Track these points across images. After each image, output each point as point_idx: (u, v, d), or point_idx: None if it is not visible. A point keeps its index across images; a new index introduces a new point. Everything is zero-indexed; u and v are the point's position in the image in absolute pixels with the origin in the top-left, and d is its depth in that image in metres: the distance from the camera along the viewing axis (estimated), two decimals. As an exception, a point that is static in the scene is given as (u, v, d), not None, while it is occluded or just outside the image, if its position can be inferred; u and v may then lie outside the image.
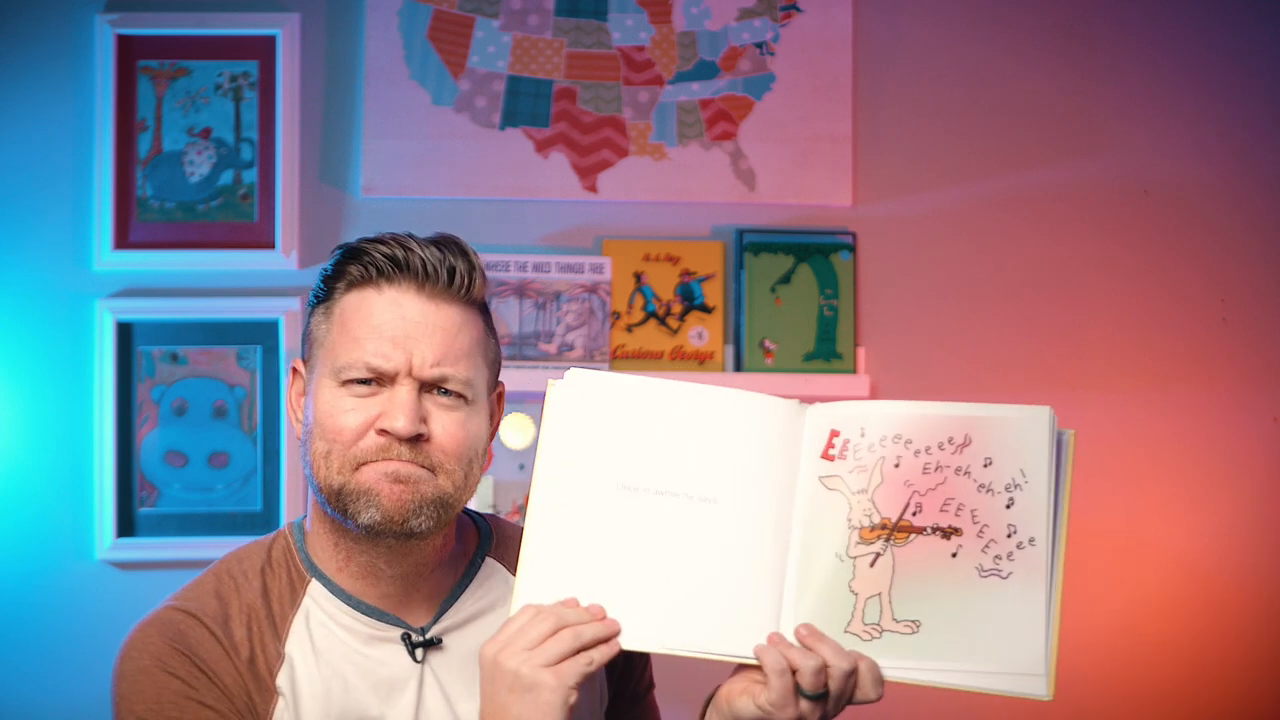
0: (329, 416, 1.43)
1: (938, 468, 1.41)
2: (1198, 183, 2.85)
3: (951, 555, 1.39)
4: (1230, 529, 2.82)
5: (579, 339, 2.73)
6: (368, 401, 1.42)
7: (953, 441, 1.42)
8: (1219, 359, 2.84)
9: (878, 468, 1.42)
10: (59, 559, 2.67)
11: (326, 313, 1.46)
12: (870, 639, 1.37)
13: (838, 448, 1.43)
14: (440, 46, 2.75)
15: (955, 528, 1.39)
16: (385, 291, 1.43)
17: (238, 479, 2.70)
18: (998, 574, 1.38)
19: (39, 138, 2.71)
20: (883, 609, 1.38)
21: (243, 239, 2.72)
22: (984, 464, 1.41)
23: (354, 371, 1.42)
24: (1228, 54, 2.87)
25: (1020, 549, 1.38)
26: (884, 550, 1.39)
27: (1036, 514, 1.39)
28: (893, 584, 1.38)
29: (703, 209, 2.79)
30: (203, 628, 1.44)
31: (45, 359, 2.69)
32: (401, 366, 1.42)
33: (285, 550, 1.51)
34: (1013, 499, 1.39)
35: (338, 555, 1.48)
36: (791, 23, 2.80)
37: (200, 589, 1.48)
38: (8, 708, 2.63)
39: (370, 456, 1.42)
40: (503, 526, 1.61)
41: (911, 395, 2.76)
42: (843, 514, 1.41)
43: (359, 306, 1.44)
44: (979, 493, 1.40)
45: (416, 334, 1.42)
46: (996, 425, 1.42)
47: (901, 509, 1.40)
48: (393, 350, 1.42)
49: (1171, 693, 2.80)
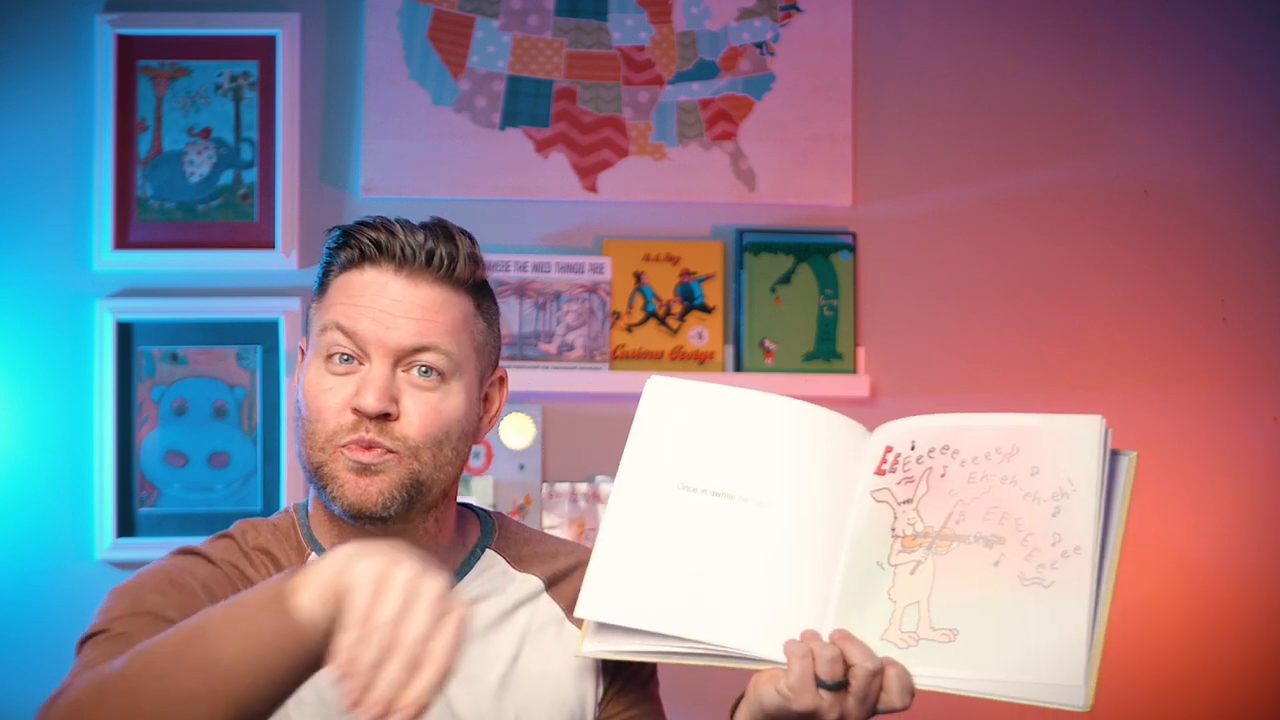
0: (313, 395, 1.46)
1: (984, 477, 1.38)
2: (1198, 183, 2.85)
3: (994, 564, 1.35)
4: (1230, 529, 2.81)
5: (579, 339, 2.73)
6: (345, 380, 1.45)
7: (1000, 451, 1.39)
8: (1219, 359, 2.84)
9: (924, 478, 1.40)
10: (59, 559, 2.67)
11: (320, 294, 1.50)
12: (906, 647, 1.34)
13: (890, 462, 1.42)
14: (440, 46, 2.75)
15: (998, 536, 1.36)
16: (367, 272, 1.46)
17: (238, 479, 2.70)
18: (1040, 583, 1.34)
19: (39, 138, 2.71)
20: (920, 617, 1.35)
21: (243, 239, 2.72)
22: (1031, 473, 1.37)
23: (329, 335, 1.45)
24: (1228, 54, 2.87)
25: (1065, 558, 1.34)
26: (925, 558, 1.37)
27: (1083, 523, 1.34)
28: (932, 592, 1.35)
29: (703, 209, 2.79)
30: (213, 567, 1.47)
31: (45, 359, 2.69)
32: (373, 341, 1.44)
33: (291, 525, 1.53)
34: (1059, 507, 1.36)
35: (333, 534, 1.51)
36: (791, 23, 2.80)
37: (216, 542, 1.51)
38: (8, 708, 2.63)
39: (342, 436, 1.44)
40: (507, 523, 1.61)
41: (911, 395, 2.77)
42: (887, 523, 1.39)
43: (343, 286, 1.47)
44: (1024, 501, 1.36)
45: (393, 311, 1.44)
46: (1045, 435, 1.39)
47: (945, 517, 1.38)
48: (368, 324, 1.44)
49: (1171, 693, 2.79)
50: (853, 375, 2.76)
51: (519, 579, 1.55)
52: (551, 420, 2.74)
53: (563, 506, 2.68)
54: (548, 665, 1.52)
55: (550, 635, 1.53)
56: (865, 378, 2.75)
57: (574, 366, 2.72)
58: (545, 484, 2.70)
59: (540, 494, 2.70)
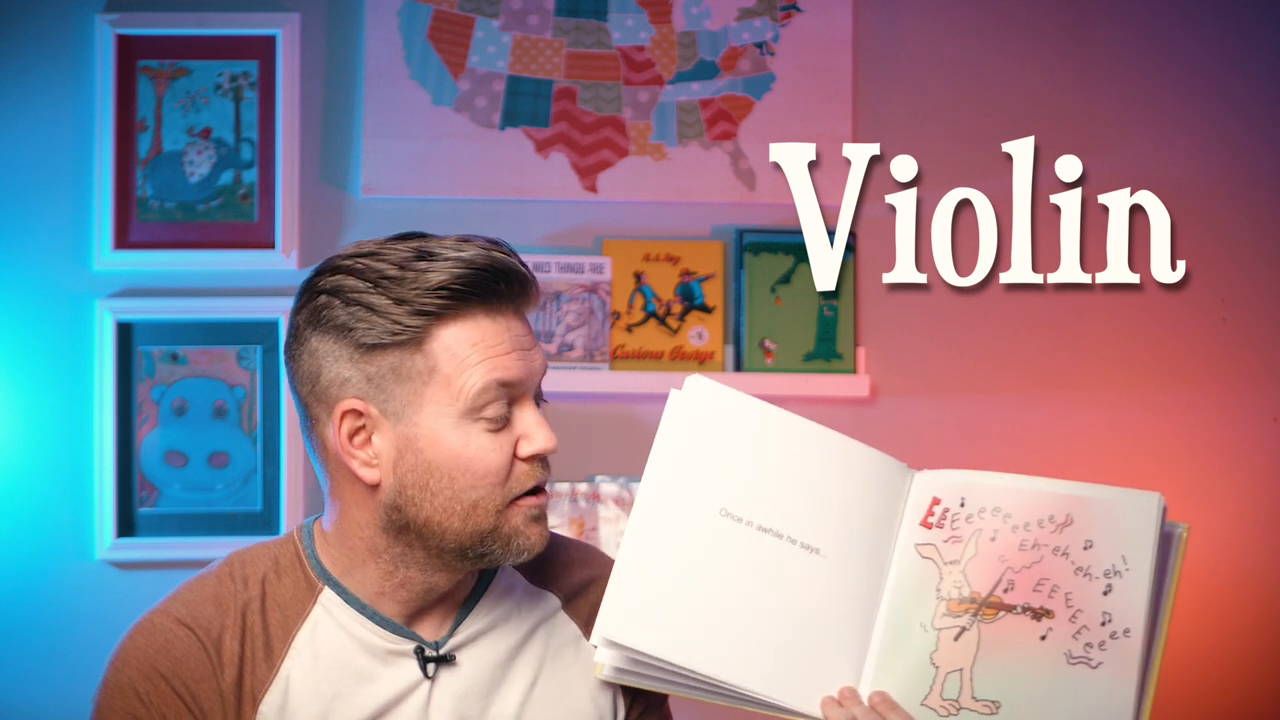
0: (477, 459, 1.38)
1: (1035, 545, 1.36)
2: (1198, 183, 2.85)
3: (1040, 638, 1.33)
4: (1230, 529, 2.81)
5: (579, 339, 2.73)
6: (500, 436, 1.39)
7: (1053, 520, 1.37)
8: (1219, 359, 2.83)
9: (973, 540, 1.38)
10: (59, 559, 2.67)
11: (414, 348, 1.38)
12: (947, 715, 1.32)
13: (936, 515, 1.40)
14: (440, 46, 2.75)
15: (1047, 609, 1.34)
16: (482, 317, 1.39)
17: (238, 479, 2.70)
18: (1087, 662, 1.32)
19: (39, 138, 2.71)
20: (963, 685, 1.33)
21: (243, 239, 2.72)
22: (1084, 546, 1.35)
23: (489, 394, 1.38)
24: (1227, 54, 2.86)
25: (1114, 639, 1.32)
26: (970, 625, 1.35)
27: (1135, 604, 1.33)
28: (976, 661, 1.33)
29: (703, 209, 2.78)
30: (193, 640, 1.41)
31: (45, 359, 2.69)
32: (527, 385, 1.40)
33: (294, 557, 1.46)
34: (1110, 585, 1.34)
35: (383, 574, 1.43)
36: (791, 23, 2.80)
37: (201, 591, 1.45)
38: (8, 708, 2.63)
39: (521, 488, 1.40)
40: None
41: (911, 395, 2.76)
42: (933, 583, 1.37)
43: (466, 339, 1.38)
44: (1076, 576, 1.34)
45: (525, 346, 1.40)
46: (1101, 507, 1.37)
47: (993, 584, 1.36)
48: (522, 368, 1.40)
49: (1171, 693, 2.79)
50: (853, 375, 2.76)
51: (536, 595, 1.51)
52: (551, 420, 2.73)
53: (563, 506, 2.68)
54: (566, 689, 1.49)
55: (569, 656, 1.50)
56: (865, 378, 2.75)
57: (574, 366, 2.72)
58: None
59: (540, 494, 2.70)
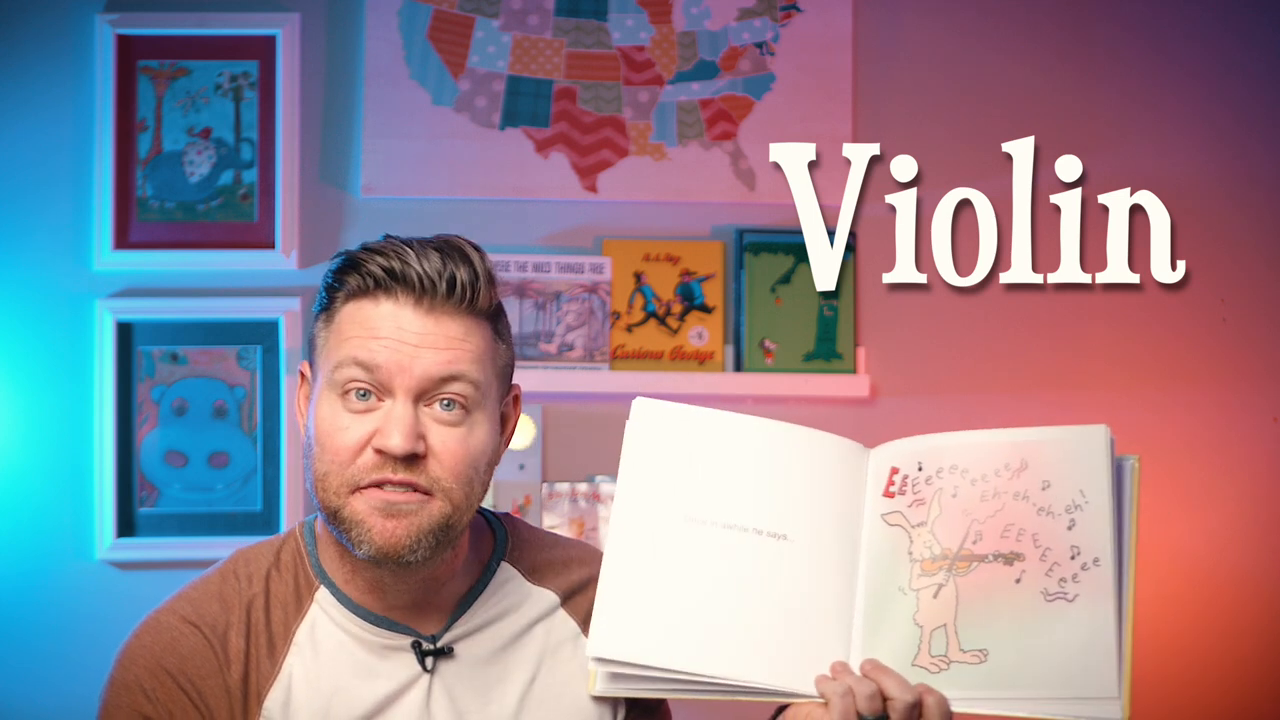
0: (328, 434, 1.38)
1: (995, 494, 1.39)
2: (1198, 183, 2.85)
3: (1015, 581, 1.35)
4: (1230, 529, 2.81)
5: (579, 339, 2.73)
6: (365, 417, 1.38)
7: (1009, 467, 1.40)
8: (1219, 359, 2.84)
9: (936, 500, 1.40)
10: (59, 559, 2.67)
11: (326, 321, 1.42)
12: (938, 671, 1.34)
13: (897, 484, 1.42)
14: (440, 46, 2.75)
15: (1017, 553, 1.36)
16: (382, 303, 1.39)
17: (238, 479, 2.70)
18: (1063, 597, 1.34)
19: (39, 138, 2.71)
20: (949, 640, 1.35)
21: (243, 239, 2.72)
22: (1042, 487, 1.38)
23: (346, 370, 1.38)
24: (1227, 54, 2.86)
25: (1085, 570, 1.34)
26: (946, 581, 1.37)
27: (1100, 534, 1.35)
28: (957, 614, 1.36)
29: (703, 209, 2.78)
30: (199, 638, 1.42)
31: (45, 359, 2.69)
32: (397, 379, 1.37)
33: (295, 554, 1.48)
34: (1074, 520, 1.36)
35: (344, 568, 1.45)
36: (791, 23, 2.80)
37: (206, 589, 1.46)
38: (8, 708, 2.63)
39: (364, 478, 1.37)
40: (519, 528, 1.57)
41: (911, 395, 2.77)
42: (904, 548, 1.39)
43: (356, 317, 1.39)
44: (1039, 516, 1.37)
45: (416, 342, 1.37)
46: (1051, 448, 1.40)
47: (962, 538, 1.38)
48: (389, 357, 1.37)
49: (1170, 693, 2.79)
50: (853, 375, 2.76)
51: (534, 593, 1.52)
52: (551, 420, 2.74)
53: (563, 506, 2.68)
54: (566, 685, 1.49)
55: (567, 653, 1.50)
56: (865, 378, 2.75)
57: (574, 366, 2.72)
58: (545, 484, 2.70)
59: (540, 494, 2.70)
